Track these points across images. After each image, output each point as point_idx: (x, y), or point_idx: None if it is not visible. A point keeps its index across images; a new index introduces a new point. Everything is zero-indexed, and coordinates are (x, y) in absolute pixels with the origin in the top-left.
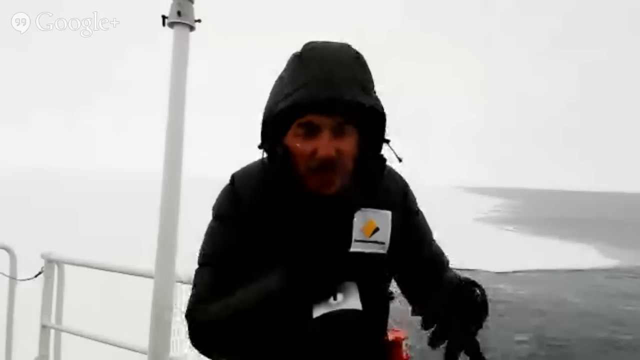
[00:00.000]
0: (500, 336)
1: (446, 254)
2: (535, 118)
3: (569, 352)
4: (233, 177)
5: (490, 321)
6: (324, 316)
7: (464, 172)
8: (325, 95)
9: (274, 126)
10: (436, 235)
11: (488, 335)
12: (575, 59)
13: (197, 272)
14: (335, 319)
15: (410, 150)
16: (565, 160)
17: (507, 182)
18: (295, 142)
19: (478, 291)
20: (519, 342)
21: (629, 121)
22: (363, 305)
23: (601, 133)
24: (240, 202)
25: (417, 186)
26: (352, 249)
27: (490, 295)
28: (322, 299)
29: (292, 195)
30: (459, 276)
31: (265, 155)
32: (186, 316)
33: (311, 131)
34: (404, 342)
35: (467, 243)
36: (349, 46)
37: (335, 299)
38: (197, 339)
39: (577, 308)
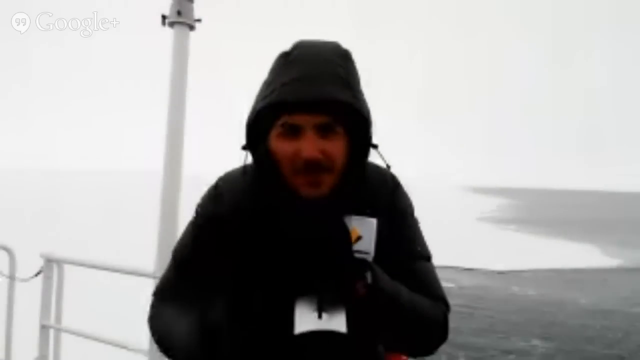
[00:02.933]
0: (511, 339)
1: (441, 288)
2: (538, 117)
3: (584, 354)
4: (217, 180)
5: (497, 323)
6: (304, 335)
7: (466, 171)
8: (306, 93)
9: (258, 127)
10: (439, 235)
11: (497, 339)
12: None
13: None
14: (316, 339)
15: (412, 150)
16: (567, 160)
17: (509, 181)
18: (278, 142)
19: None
20: (531, 347)
21: (633, 120)
22: (348, 321)
23: (605, 132)
24: (220, 205)
25: (419, 186)
26: None
27: (495, 295)
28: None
29: (275, 198)
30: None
31: (249, 156)
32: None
33: (294, 131)
34: None
35: (470, 242)
36: (337, 45)
37: (320, 317)
38: (149, 324)
39: (588, 308)
